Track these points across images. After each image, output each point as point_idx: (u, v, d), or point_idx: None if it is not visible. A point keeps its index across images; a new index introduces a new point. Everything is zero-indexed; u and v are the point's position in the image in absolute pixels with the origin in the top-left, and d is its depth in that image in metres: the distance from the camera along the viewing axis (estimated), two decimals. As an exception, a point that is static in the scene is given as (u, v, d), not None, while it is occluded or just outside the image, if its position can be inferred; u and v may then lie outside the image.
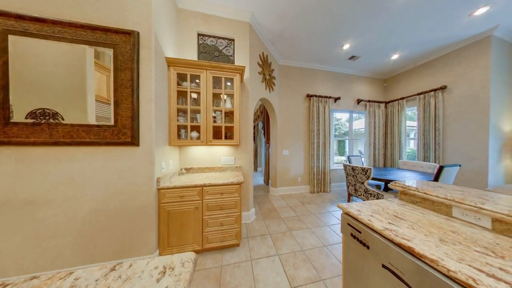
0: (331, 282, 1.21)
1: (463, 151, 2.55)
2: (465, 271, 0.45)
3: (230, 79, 1.81)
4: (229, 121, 1.89)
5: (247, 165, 2.08)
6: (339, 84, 3.59)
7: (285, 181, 3.27)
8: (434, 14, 2.03)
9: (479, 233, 0.63)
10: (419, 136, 3.10)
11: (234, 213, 1.52)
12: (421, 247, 0.55)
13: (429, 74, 3.01)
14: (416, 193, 0.90)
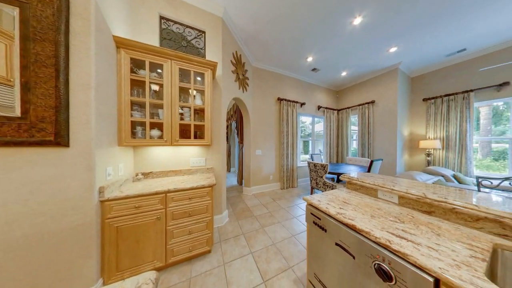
0: (298, 267, 1.36)
1: (384, 149, 3.51)
2: (384, 236, 0.62)
3: (201, 74, 1.67)
4: (199, 119, 1.75)
5: (220, 166, 2.00)
6: (304, 91, 4.08)
7: (258, 180, 3.37)
8: (367, 47, 2.68)
9: (392, 207, 0.89)
10: (359, 138, 4.00)
11: (205, 218, 1.42)
12: (360, 223, 0.71)
13: (365, 91, 3.95)
14: (357, 182, 1.15)
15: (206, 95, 1.64)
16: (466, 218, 0.68)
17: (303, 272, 1.31)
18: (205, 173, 1.88)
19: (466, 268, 0.46)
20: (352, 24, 2.18)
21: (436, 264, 0.48)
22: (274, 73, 3.58)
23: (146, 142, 1.41)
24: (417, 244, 0.57)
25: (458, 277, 0.43)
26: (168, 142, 1.47)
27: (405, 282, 0.52)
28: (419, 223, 0.72)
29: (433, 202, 0.77)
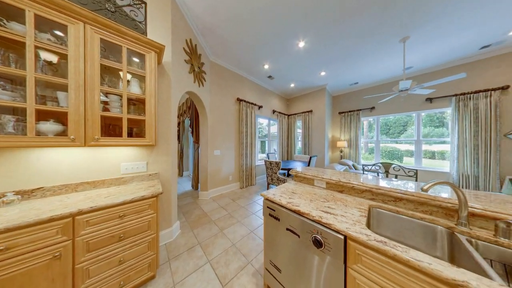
0: (256, 259, 1.44)
1: (317, 148, 4.60)
2: (318, 214, 0.81)
3: (140, 55, 1.31)
4: (137, 112, 1.36)
5: (169, 171, 1.68)
6: (262, 95, 4.41)
7: (217, 181, 3.21)
8: (307, 67, 3.39)
9: (322, 191, 1.19)
10: (302, 139, 4.96)
11: (147, 237, 1.13)
12: (303, 208, 0.89)
13: (307, 101, 4.97)
14: (301, 175, 1.42)
15: (148, 83, 1.31)
16: (358, 192, 1.06)
17: (261, 262, 1.41)
18: (146, 180, 1.50)
19: (358, 224, 0.71)
20: (298, 46, 2.66)
21: (345, 226, 0.70)
22: (234, 73, 3.56)
23: (27, 141, 0.88)
24: (335, 215, 0.80)
25: (354, 230, 0.66)
26: (79, 142, 1.02)
27: (329, 244, 0.72)
28: (336, 199, 1.02)
29: (343, 184, 1.11)
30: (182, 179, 4.51)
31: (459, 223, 0.67)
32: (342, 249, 0.68)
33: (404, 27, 2.21)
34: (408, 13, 1.98)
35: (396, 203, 0.89)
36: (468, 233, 0.64)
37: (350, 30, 2.28)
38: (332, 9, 1.93)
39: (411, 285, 0.50)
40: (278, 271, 1.00)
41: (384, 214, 0.89)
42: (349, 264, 0.66)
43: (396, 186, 0.95)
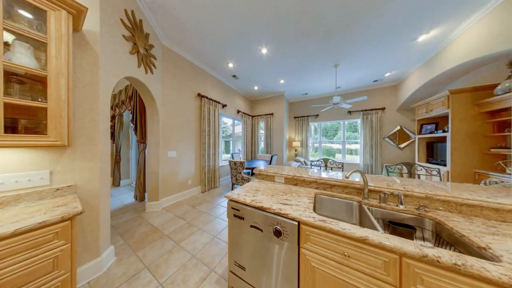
0: (220, 264, 1.38)
1: (277, 147, 5.11)
2: (278, 206, 0.91)
3: (37, 10, 0.87)
4: (28, 95, 0.89)
5: (95, 181, 1.24)
6: (226, 93, 4.28)
7: (172, 188, 2.75)
8: (269, 73, 3.69)
9: (281, 186, 1.33)
10: (265, 139, 5.32)
11: (52, 280, 0.77)
12: (265, 203, 0.96)
13: (269, 105, 5.38)
14: (264, 173, 1.52)
15: (53, 54, 0.89)
16: (307, 183, 1.29)
17: (225, 266, 1.36)
18: (50, 197, 1.02)
19: (308, 210, 0.87)
20: (261, 51, 2.83)
21: (298, 213, 0.83)
22: (194, 66, 3.20)
23: None
24: (291, 205, 0.93)
25: (304, 216, 0.80)
26: None
27: (287, 231, 0.82)
28: (292, 192, 1.18)
29: (297, 178, 1.31)
30: (119, 190, 3.47)
31: (364, 197, 0.99)
32: (296, 233, 0.80)
33: (336, 56, 2.94)
34: (338, 47, 2.66)
35: (331, 189, 1.17)
36: (368, 203, 0.96)
37: (302, 48, 2.72)
38: (290, 25, 2.22)
39: (340, 247, 0.68)
40: (242, 269, 1.01)
41: (324, 198, 1.14)
42: (301, 245, 0.79)
43: (331, 176, 1.24)
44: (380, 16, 2.03)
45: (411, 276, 0.55)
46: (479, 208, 0.76)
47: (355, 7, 1.91)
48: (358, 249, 0.64)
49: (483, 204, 0.74)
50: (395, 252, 0.57)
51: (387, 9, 1.94)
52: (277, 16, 2.05)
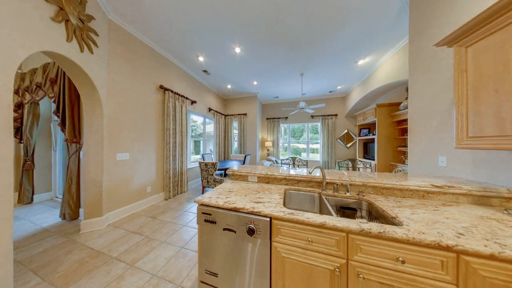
0: (189, 277, 1.25)
1: (251, 147, 5.20)
2: (252, 205, 0.92)
3: None
4: None
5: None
6: (196, 89, 3.93)
7: (124, 198, 2.24)
8: (242, 73, 3.69)
9: (255, 185, 1.36)
10: (238, 139, 5.28)
11: None
12: (239, 204, 0.95)
13: (242, 104, 5.37)
14: (237, 173, 1.51)
15: None
16: (278, 180, 1.38)
17: (194, 278, 1.25)
18: None
19: (279, 206, 0.93)
20: (234, 50, 2.78)
21: (270, 209, 0.87)
22: (155, 53, 2.74)
23: None
24: (264, 202, 0.97)
25: (276, 211, 0.85)
26: None
27: (260, 228, 0.85)
28: (265, 190, 1.23)
29: (269, 176, 1.38)
30: (33, 209, 2.48)
31: (323, 189, 1.17)
32: (268, 229, 0.84)
33: (302, 66, 3.32)
34: (304, 59, 3.01)
35: (298, 184, 1.31)
36: (326, 193, 1.15)
37: (274, 54, 2.90)
38: (263, 30, 2.30)
39: (305, 235, 0.77)
40: (214, 276, 0.96)
41: (292, 193, 1.26)
42: (273, 239, 0.84)
43: (298, 172, 1.39)
44: (334, 39, 2.46)
45: (354, 248, 0.70)
46: (391, 190, 1.06)
47: (316, 27, 2.22)
48: (319, 234, 0.75)
49: (394, 186, 1.04)
50: (344, 231, 0.71)
51: (338, 35, 2.38)
52: (251, 19, 2.08)
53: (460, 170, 1.20)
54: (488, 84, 0.81)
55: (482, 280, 0.55)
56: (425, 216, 0.78)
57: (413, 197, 1.02)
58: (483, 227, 0.68)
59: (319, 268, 0.75)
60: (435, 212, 0.82)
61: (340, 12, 1.96)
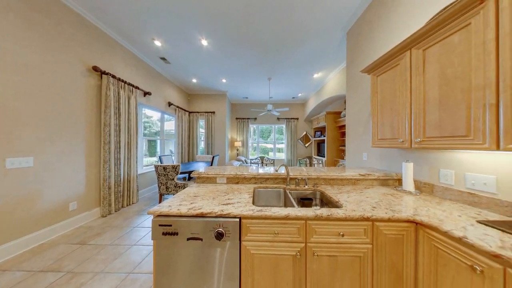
0: (140, 307, 1.03)
1: (220, 147, 4.98)
2: (220, 208, 0.88)
3: None
4: None
5: None
6: (151, 78, 3.28)
7: (25, 223, 1.51)
8: (209, 69, 3.47)
9: (224, 186, 1.31)
10: (205, 139, 4.91)
11: None
12: (206, 208, 0.88)
13: (210, 102, 5.03)
14: (204, 175, 1.40)
15: None
16: (248, 179, 1.40)
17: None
18: None
19: (248, 205, 0.95)
20: (201, 42, 2.56)
21: (240, 209, 0.87)
22: (87, 23, 2.05)
23: None
24: (233, 203, 0.96)
25: (245, 210, 0.86)
26: None
27: (229, 230, 0.83)
28: (234, 190, 1.22)
29: (239, 176, 1.38)
30: None
31: (287, 184, 1.30)
32: (238, 229, 0.83)
33: (269, 71, 3.55)
34: (272, 65, 3.23)
35: (266, 182, 1.39)
36: (289, 188, 1.29)
37: (244, 54, 2.91)
38: (232, 27, 2.26)
39: (272, 228, 0.83)
40: (176, 295, 0.84)
41: (261, 191, 1.32)
42: (242, 239, 0.84)
43: (266, 171, 1.47)
44: (296, 52, 2.81)
45: (310, 232, 0.83)
46: (336, 180, 1.34)
47: (281, 37, 2.45)
48: (284, 225, 0.83)
49: (337, 177, 1.33)
50: (303, 219, 0.83)
51: (300, 50, 2.73)
52: (220, 13, 1.99)
53: (374, 162, 1.70)
54: (387, 104, 1.19)
55: (384, 236, 0.80)
56: (355, 197, 1.04)
57: (348, 184, 1.33)
58: (385, 201, 0.99)
59: (284, 256, 0.83)
60: (361, 194, 1.11)
61: (300, 29, 2.26)
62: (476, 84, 0.71)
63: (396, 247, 0.80)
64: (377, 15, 1.66)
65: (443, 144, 0.84)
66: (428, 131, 0.91)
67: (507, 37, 0.62)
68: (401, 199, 1.02)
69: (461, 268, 0.62)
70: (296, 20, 2.10)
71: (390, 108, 1.17)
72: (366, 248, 0.80)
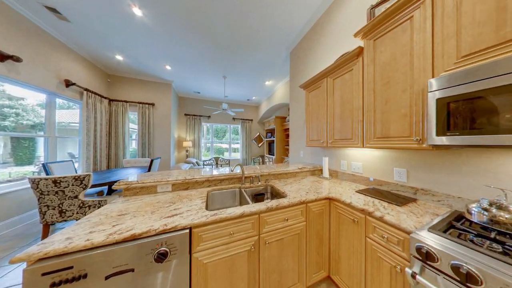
0: None
1: (161, 148, 4.05)
2: (163, 222, 0.72)
3: None
4: None
5: None
6: (25, 37, 1.95)
7: None
8: (146, 48, 2.73)
9: (168, 195, 1.09)
10: (139, 137, 3.78)
11: None
12: (140, 227, 0.68)
13: (147, 90, 3.94)
14: (137, 185, 1.07)
15: None
16: (200, 183, 1.27)
17: None
18: None
19: (200, 211, 0.86)
20: (131, 9, 1.94)
21: (190, 218, 0.77)
22: None
23: None
24: (181, 213, 0.82)
25: (197, 218, 0.77)
26: None
27: (176, 246, 0.70)
28: (183, 197, 1.05)
29: (188, 180, 1.21)
30: None
31: (242, 183, 1.34)
32: (187, 242, 0.73)
33: (224, 69, 3.45)
34: (227, 63, 3.16)
35: (221, 183, 1.33)
36: (244, 186, 1.33)
37: (195, 44, 2.59)
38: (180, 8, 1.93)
39: (228, 230, 0.82)
40: None
41: (215, 194, 1.25)
42: (193, 251, 0.75)
43: (221, 172, 1.42)
44: (251, 58, 2.96)
45: (263, 223, 0.91)
46: (282, 174, 1.59)
47: (236, 37, 2.48)
48: (239, 223, 0.85)
49: (283, 172, 1.58)
50: (257, 213, 0.89)
51: (254, 56, 2.92)
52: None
53: (307, 158, 2.21)
54: (315, 114, 1.60)
55: (313, 213, 1.07)
56: (295, 187, 1.30)
57: (291, 177, 1.63)
58: (313, 187, 1.32)
59: (239, 254, 0.84)
60: (299, 183, 1.40)
61: (255, 36, 2.42)
62: (355, 107, 1.15)
63: (319, 219, 1.10)
64: (309, 45, 2.17)
65: (342, 144, 1.28)
66: (335, 135, 1.34)
67: (366, 83, 1.06)
68: (322, 184, 1.41)
69: (349, 222, 0.97)
70: (250, 27, 2.22)
71: (316, 118, 1.59)
72: (302, 225, 1.03)
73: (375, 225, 0.81)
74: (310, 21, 2.08)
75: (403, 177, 1.06)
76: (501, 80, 0.52)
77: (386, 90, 0.94)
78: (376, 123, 1.00)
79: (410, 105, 0.82)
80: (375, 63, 1.00)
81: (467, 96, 0.60)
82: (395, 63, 0.89)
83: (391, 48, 0.91)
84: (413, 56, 0.81)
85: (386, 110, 0.94)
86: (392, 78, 0.91)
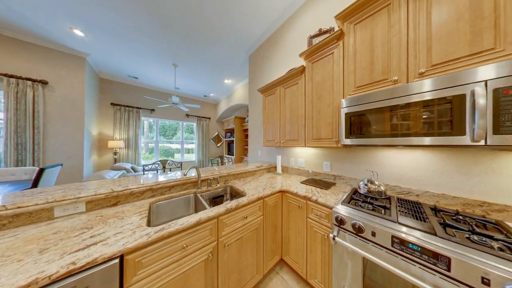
0: None
1: (64, 150, 2.71)
2: (66, 263, 0.49)
3: None
4: None
5: None
6: None
7: None
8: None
9: (77, 219, 0.75)
10: (8, 134, 2.29)
11: None
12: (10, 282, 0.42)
13: (29, 58, 2.45)
14: (5, 212, 0.65)
15: None
16: (138, 195, 0.99)
17: None
18: None
19: (138, 230, 0.67)
20: None
21: (121, 243, 0.58)
22: None
23: None
24: (105, 239, 0.60)
25: (133, 240, 0.60)
26: None
27: (94, 282, 0.50)
28: (107, 218, 0.77)
29: (118, 193, 0.90)
30: None
31: (198, 188, 1.21)
32: (117, 276, 0.54)
33: (175, 56, 2.94)
34: (178, 48, 2.69)
35: (170, 190, 1.12)
36: (201, 191, 1.21)
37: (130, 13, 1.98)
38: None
39: (180, 243, 0.70)
40: None
41: (161, 205, 1.03)
42: (126, 286, 0.57)
43: (170, 177, 1.19)
44: (208, 50, 2.74)
45: (222, 226, 0.87)
46: (241, 174, 1.62)
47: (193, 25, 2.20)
48: (195, 233, 0.76)
49: (242, 171, 1.61)
50: (215, 217, 0.84)
51: (211, 49, 2.72)
52: None
53: (264, 156, 2.41)
54: (271, 117, 1.78)
55: (269, 206, 1.18)
56: (254, 184, 1.37)
57: (250, 176, 1.70)
58: (269, 183, 1.46)
59: (194, 268, 0.76)
60: (257, 181, 1.50)
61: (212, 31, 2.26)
62: (299, 114, 1.41)
63: (274, 210, 1.24)
64: (266, 54, 2.38)
65: (291, 144, 1.52)
66: (286, 136, 1.57)
67: (307, 95, 1.34)
68: (276, 179, 1.60)
69: (295, 208, 1.18)
70: (207, 18, 2.05)
71: (271, 120, 1.77)
72: (260, 219, 1.11)
73: (313, 207, 1.05)
74: (266, 32, 2.28)
75: (328, 167, 1.45)
76: (371, 105, 0.86)
77: (319, 103, 1.24)
78: (313, 128, 1.29)
79: (332, 116, 1.14)
80: (312, 81, 1.29)
81: (358, 113, 0.92)
82: (324, 84, 1.20)
83: (322, 72, 1.22)
84: (334, 81, 1.13)
85: (319, 118, 1.24)
86: (322, 94, 1.21)
